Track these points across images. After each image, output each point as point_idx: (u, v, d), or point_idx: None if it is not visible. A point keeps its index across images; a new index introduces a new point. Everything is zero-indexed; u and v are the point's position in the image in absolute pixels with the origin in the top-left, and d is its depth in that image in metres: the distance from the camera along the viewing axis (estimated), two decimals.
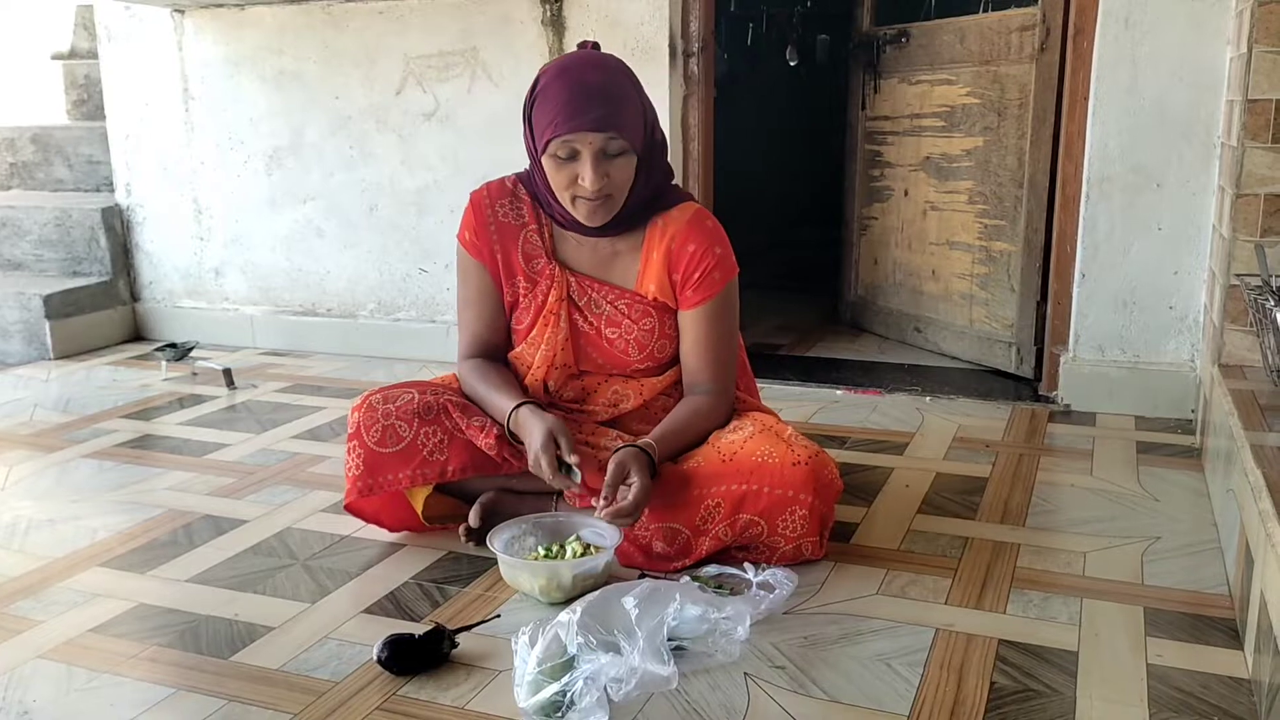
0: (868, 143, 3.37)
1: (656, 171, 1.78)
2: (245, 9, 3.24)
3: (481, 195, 1.85)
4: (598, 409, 1.86)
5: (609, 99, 1.63)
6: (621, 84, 1.68)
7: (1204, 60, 2.36)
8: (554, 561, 1.62)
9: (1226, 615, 1.55)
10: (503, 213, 1.82)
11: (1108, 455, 2.27)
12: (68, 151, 3.75)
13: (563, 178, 1.68)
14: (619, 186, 1.69)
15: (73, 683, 1.41)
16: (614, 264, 1.82)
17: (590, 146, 1.63)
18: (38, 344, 3.27)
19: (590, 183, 1.64)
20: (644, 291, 1.80)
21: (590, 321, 1.82)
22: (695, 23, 2.88)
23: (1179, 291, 2.49)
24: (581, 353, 1.84)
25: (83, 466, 2.29)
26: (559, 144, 1.64)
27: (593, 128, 1.61)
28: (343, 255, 3.31)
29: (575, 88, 1.63)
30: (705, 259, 1.76)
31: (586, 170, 1.64)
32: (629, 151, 1.66)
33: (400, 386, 1.85)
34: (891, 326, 3.34)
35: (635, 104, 1.69)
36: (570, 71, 1.66)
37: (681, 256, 1.76)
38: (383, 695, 1.37)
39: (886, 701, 1.34)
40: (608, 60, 1.72)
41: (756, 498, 1.65)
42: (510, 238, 1.82)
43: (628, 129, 1.65)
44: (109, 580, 1.73)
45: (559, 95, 1.63)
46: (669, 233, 1.77)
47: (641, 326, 1.80)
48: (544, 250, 1.82)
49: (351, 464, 1.79)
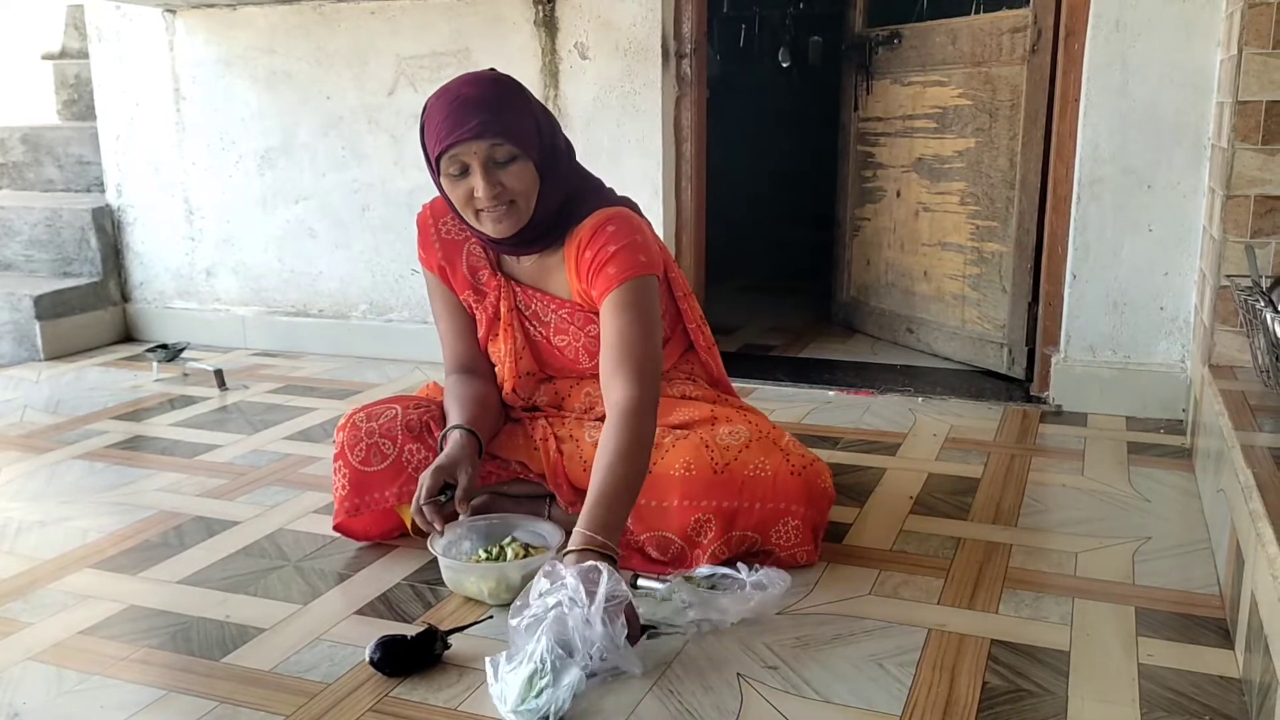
0: (860, 144, 3.38)
1: (562, 179, 1.72)
2: (237, 9, 3.23)
3: (425, 214, 1.85)
4: (575, 411, 1.87)
5: (487, 108, 1.60)
6: (503, 93, 1.64)
7: (1194, 62, 2.37)
8: (502, 563, 1.62)
9: (1217, 615, 1.56)
10: (445, 229, 1.82)
11: (1099, 456, 2.28)
12: (58, 152, 3.74)
13: (460, 194, 1.64)
14: (520, 193, 1.64)
15: (63, 685, 1.41)
16: (548, 277, 1.80)
17: (476, 157, 1.60)
18: (28, 345, 3.26)
19: (482, 192, 1.61)
20: (581, 302, 1.78)
21: (539, 330, 1.82)
22: (688, 24, 2.88)
23: (1170, 292, 2.50)
24: (541, 358, 1.85)
25: (73, 468, 2.29)
26: (448, 160, 1.61)
27: (473, 136, 1.58)
28: (335, 256, 3.30)
29: (453, 103, 1.61)
30: (600, 257, 1.69)
31: (477, 180, 1.61)
32: (521, 158, 1.62)
33: (383, 403, 1.85)
34: (884, 327, 3.34)
35: (522, 110, 1.64)
36: (448, 90, 1.64)
37: (582, 263, 1.72)
38: (375, 697, 1.36)
39: (879, 702, 1.34)
40: (487, 74, 1.68)
41: (749, 514, 1.66)
42: (455, 253, 1.82)
43: (513, 134, 1.60)
44: (100, 582, 1.72)
45: (439, 113, 1.61)
46: (577, 241, 1.73)
47: (587, 333, 1.79)
48: (488, 263, 1.82)
49: (338, 484, 1.78)
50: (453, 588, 1.65)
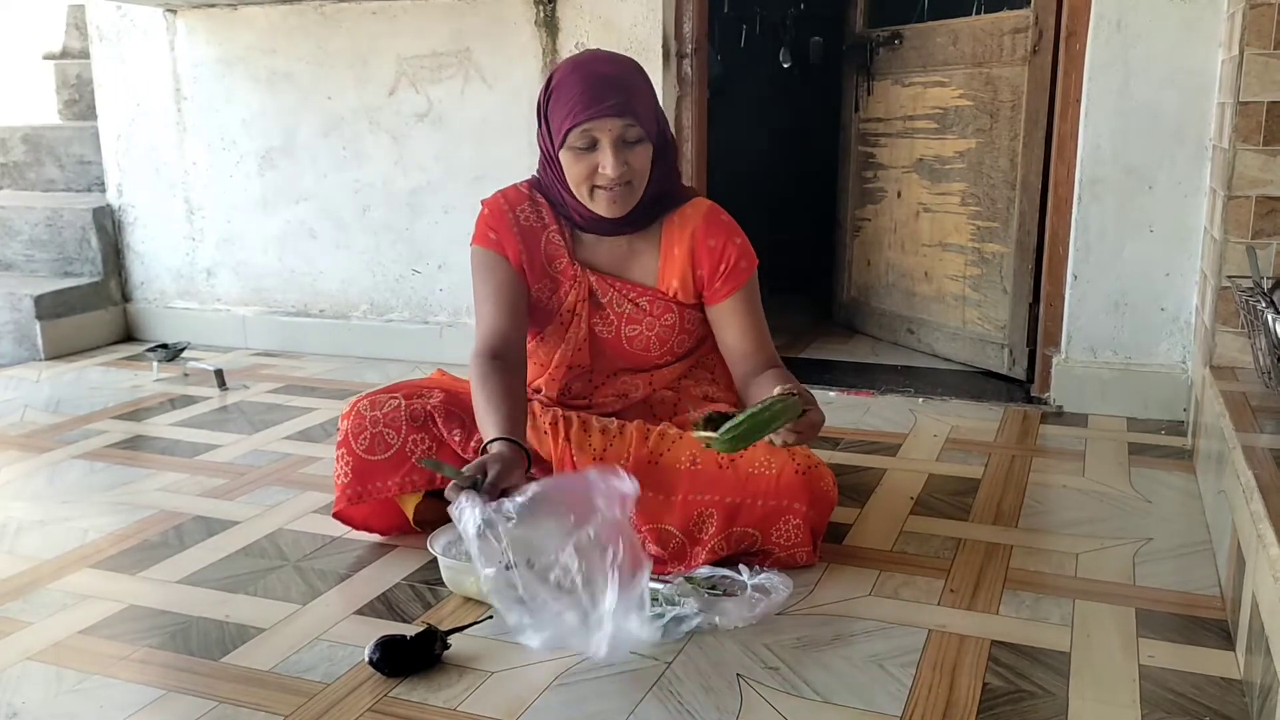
0: (861, 144, 3.37)
1: (669, 167, 1.79)
2: (238, 9, 3.23)
3: (499, 200, 1.83)
4: (606, 401, 1.86)
5: (624, 88, 1.66)
6: (636, 76, 1.71)
7: (1196, 63, 2.36)
8: None
9: (1218, 616, 1.56)
10: (524, 216, 1.81)
11: (1100, 456, 2.27)
12: (59, 151, 3.74)
13: (581, 169, 1.68)
14: (638, 174, 1.70)
15: (62, 684, 1.41)
16: (633, 262, 1.82)
17: (609, 134, 1.64)
18: (28, 344, 3.26)
19: (611, 168, 1.65)
20: (665, 288, 1.81)
21: (611, 322, 1.82)
22: (688, 24, 2.88)
23: (1171, 293, 2.49)
24: (597, 353, 1.85)
25: (73, 467, 2.29)
26: (577, 134, 1.65)
27: (611, 114, 1.63)
28: (335, 256, 3.30)
29: (591, 78, 1.66)
30: (729, 250, 1.79)
31: (607, 157, 1.65)
32: (646, 140, 1.68)
33: (387, 391, 1.84)
34: (884, 328, 3.34)
35: (650, 95, 1.72)
36: (584, 65, 1.70)
37: (705, 252, 1.79)
38: (374, 697, 1.36)
39: (879, 702, 1.34)
40: (619, 56, 1.75)
41: (750, 510, 1.66)
42: (534, 240, 1.81)
43: (644, 118, 1.67)
44: (99, 581, 1.72)
45: (575, 86, 1.65)
46: (687, 229, 1.79)
47: (663, 322, 1.82)
48: (566, 251, 1.81)
49: (340, 471, 1.78)
50: (452, 588, 1.65)
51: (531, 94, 2.96)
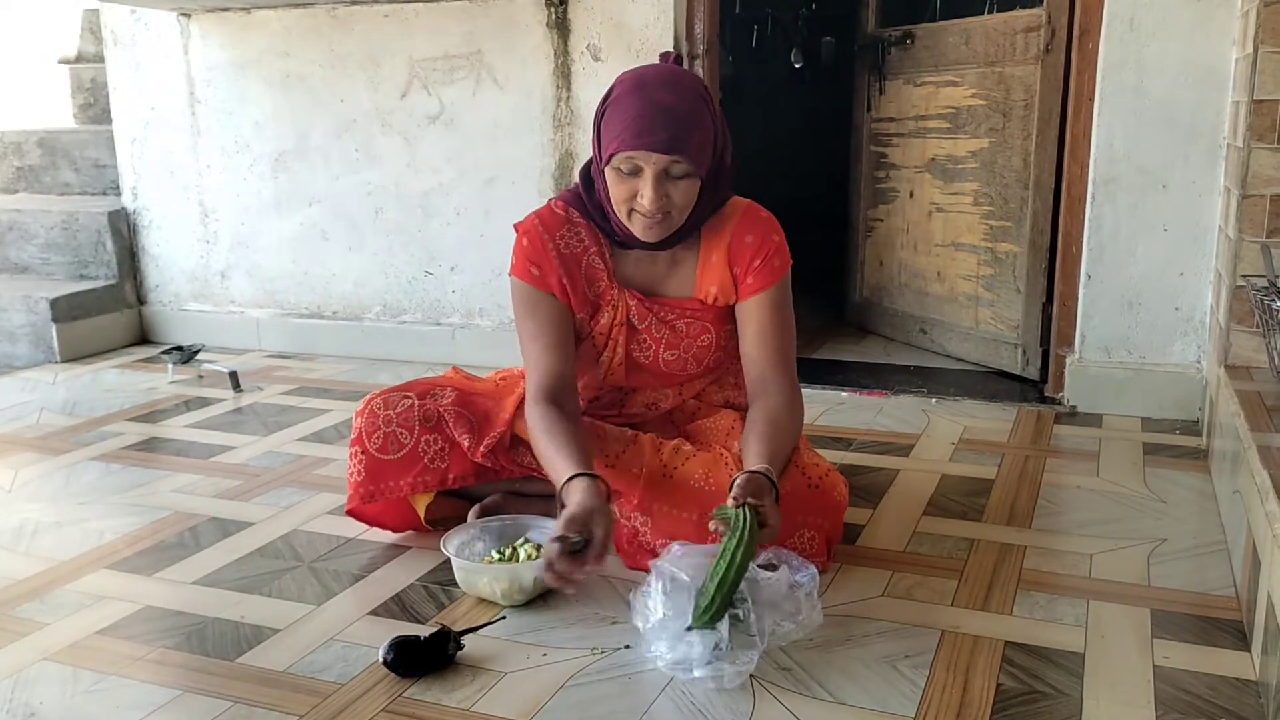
0: (873, 144, 3.37)
1: (719, 192, 1.74)
2: (251, 12, 3.24)
3: (534, 225, 1.76)
4: (636, 410, 1.87)
5: (679, 121, 1.58)
6: (695, 106, 1.61)
7: (1209, 61, 2.35)
8: (515, 564, 1.62)
9: (1233, 617, 1.55)
10: (564, 243, 1.76)
11: (1114, 457, 2.26)
12: (74, 155, 3.76)
13: (623, 191, 1.63)
14: (679, 207, 1.64)
15: (79, 684, 1.42)
16: (672, 275, 1.79)
17: (654, 166, 1.58)
18: (44, 347, 3.28)
19: (649, 202, 1.60)
20: (704, 296, 1.77)
21: (648, 347, 1.79)
22: (700, 25, 2.88)
23: (1185, 292, 2.48)
24: (633, 375, 1.83)
25: (89, 469, 2.30)
26: (623, 159, 1.60)
27: (658, 149, 1.57)
28: (349, 258, 3.32)
29: (647, 105, 1.58)
30: (765, 246, 1.74)
31: (647, 189, 1.60)
32: (692, 175, 1.62)
33: (400, 390, 1.84)
34: (897, 328, 3.34)
35: (707, 127, 1.63)
36: (645, 87, 1.62)
37: (741, 248, 1.74)
38: (388, 697, 1.37)
39: (892, 703, 1.34)
40: (684, 78, 1.65)
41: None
42: (575, 266, 1.76)
43: (694, 153, 1.59)
44: (115, 582, 1.73)
45: (629, 110, 1.59)
46: (726, 229, 1.75)
47: (700, 343, 1.79)
48: (606, 271, 1.78)
49: (354, 469, 1.79)
50: (466, 589, 1.65)
51: (543, 95, 2.97)
